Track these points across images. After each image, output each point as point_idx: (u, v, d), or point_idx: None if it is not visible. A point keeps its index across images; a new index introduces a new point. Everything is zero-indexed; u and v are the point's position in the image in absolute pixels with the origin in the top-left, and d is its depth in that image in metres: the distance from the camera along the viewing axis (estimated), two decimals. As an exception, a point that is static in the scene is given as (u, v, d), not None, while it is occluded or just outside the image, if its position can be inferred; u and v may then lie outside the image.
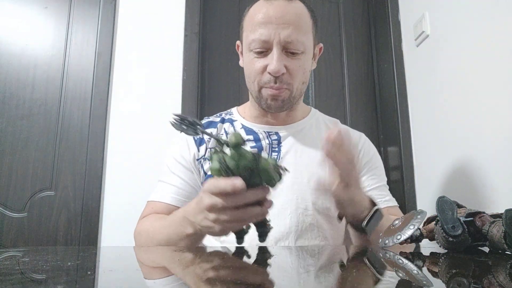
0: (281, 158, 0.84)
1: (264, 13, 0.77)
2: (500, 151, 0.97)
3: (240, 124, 0.90)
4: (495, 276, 0.39)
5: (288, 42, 0.76)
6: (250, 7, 0.83)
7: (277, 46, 0.76)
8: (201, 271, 0.43)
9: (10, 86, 1.44)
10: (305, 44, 0.79)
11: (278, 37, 0.76)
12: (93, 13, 1.54)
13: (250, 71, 0.81)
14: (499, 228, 0.49)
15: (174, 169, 0.86)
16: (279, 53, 0.76)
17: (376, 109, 1.68)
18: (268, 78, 0.79)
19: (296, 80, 0.80)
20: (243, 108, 0.95)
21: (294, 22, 0.76)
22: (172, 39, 1.54)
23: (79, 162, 1.42)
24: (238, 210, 0.53)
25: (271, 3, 0.77)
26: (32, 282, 0.36)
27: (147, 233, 0.76)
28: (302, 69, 0.80)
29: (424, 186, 1.40)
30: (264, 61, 0.78)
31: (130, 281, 0.38)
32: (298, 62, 0.79)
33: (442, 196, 0.55)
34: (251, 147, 0.84)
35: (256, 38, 0.77)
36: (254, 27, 0.78)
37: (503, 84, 0.96)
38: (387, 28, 1.62)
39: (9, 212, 1.36)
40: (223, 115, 0.95)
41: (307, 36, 0.80)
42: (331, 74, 1.69)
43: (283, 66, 0.77)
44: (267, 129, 0.88)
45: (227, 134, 0.88)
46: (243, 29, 0.84)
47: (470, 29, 1.10)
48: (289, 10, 0.77)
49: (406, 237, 0.55)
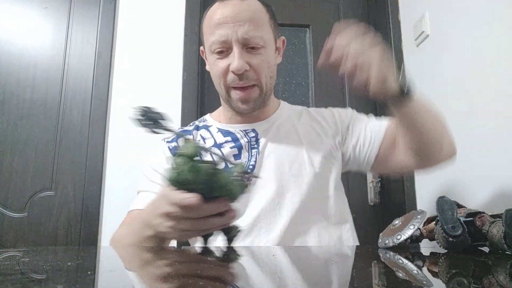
0: (260, 152, 0.84)
1: (219, 14, 0.78)
2: (500, 151, 0.97)
3: (216, 128, 0.90)
4: (495, 276, 0.39)
5: (246, 38, 0.77)
6: (206, 11, 0.84)
7: (236, 44, 0.77)
8: (201, 270, 0.43)
9: (10, 86, 1.44)
10: (264, 38, 0.80)
11: (235, 35, 0.77)
12: (93, 13, 1.54)
13: (215, 73, 0.83)
14: (499, 228, 0.49)
15: (153, 178, 0.85)
16: (239, 50, 0.77)
17: (376, 109, 1.68)
18: (232, 77, 0.80)
19: (262, 75, 0.81)
20: (217, 113, 0.96)
21: (250, 18, 0.78)
22: (172, 39, 1.54)
23: (79, 162, 1.42)
24: (196, 220, 0.52)
25: (224, 4, 0.79)
26: (32, 282, 0.36)
27: (120, 239, 0.76)
28: (266, 63, 0.81)
29: (424, 186, 1.40)
30: (226, 61, 0.79)
31: (130, 281, 0.38)
32: (260, 57, 0.80)
33: (442, 196, 0.55)
34: (230, 148, 0.85)
35: (215, 39, 0.78)
36: (212, 29, 0.79)
37: (503, 84, 0.96)
38: (387, 28, 1.61)
39: (9, 212, 1.36)
40: (196, 123, 0.95)
41: (265, 30, 0.81)
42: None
43: (245, 62, 0.78)
44: (244, 127, 0.88)
45: (204, 139, 0.88)
46: (203, 33, 0.85)
47: (470, 29, 1.10)
48: (243, 7, 0.78)
49: (406, 237, 0.55)
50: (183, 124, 1.44)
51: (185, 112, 1.47)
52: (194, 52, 1.53)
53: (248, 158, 0.84)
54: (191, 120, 1.58)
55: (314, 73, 1.68)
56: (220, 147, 0.86)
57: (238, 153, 0.84)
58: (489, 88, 1.02)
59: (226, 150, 0.85)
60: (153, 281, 0.38)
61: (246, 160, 0.84)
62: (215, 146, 0.86)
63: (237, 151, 0.85)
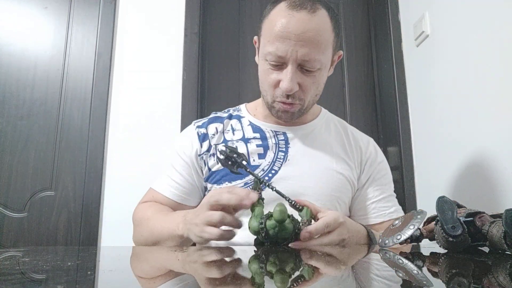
0: (288, 160, 0.83)
1: (284, 25, 0.72)
2: (500, 151, 0.97)
3: (247, 121, 0.89)
4: (495, 276, 0.39)
5: (305, 60, 0.73)
6: (272, 8, 0.77)
7: (292, 64, 0.74)
8: (202, 270, 0.43)
9: (10, 86, 1.44)
10: (322, 62, 0.76)
11: (295, 54, 0.73)
12: (93, 13, 1.54)
13: (264, 81, 0.81)
14: (499, 228, 0.49)
15: (175, 164, 0.87)
16: (293, 71, 0.74)
17: (376, 109, 1.68)
18: (281, 93, 0.77)
19: (308, 95, 0.79)
20: (253, 105, 0.94)
21: (314, 40, 0.72)
22: (172, 39, 1.54)
23: (79, 162, 1.42)
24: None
25: (293, 15, 0.72)
26: (32, 282, 0.36)
27: (147, 221, 0.79)
28: (316, 85, 0.79)
29: (424, 186, 1.40)
30: (278, 75, 0.76)
31: (130, 281, 0.38)
32: (312, 79, 0.77)
33: (442, 196, 0.55)
34: (256, 145, 0.84)
35: (272, 51, 0.74)
36: (272, 39, 0.74)
37: (503, 83, 0.96)
38: (387, 28, 1.61)
39: (9, 212, 1.36)
40: (231, 111, 0.94)
41: (326, 53, 0.76)
42: (331, 74, 1.69)
43: (296, 84, 0.75)
44: (275, 128, 0.87)
45: (234, 130, 0.88)
46: (261, 31, 0.80)
47: (470, 29, 1.10)
48: (310, 26, 0.72)
49: (406, 237, 0.55)
50: (183, 124, 1.44)
51: (185, 112, 1.47)
52: (194, 52, 1.53)
53: (272, 160, 0.83)
54: (191, 120, 1.59)
55: (314, 73, 1.67)
56: (247, 141, 0.85)
57: (264, 152, 0.83)
58: (489, 88, 1.02)
59: (252, 147, 0.84)
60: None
61: (270, 161, 0.83)
62: (243, 140, 0.86)
63: (262, 150, 0.84)
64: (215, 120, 0.90)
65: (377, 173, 0.88)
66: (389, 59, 1.59)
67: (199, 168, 0.86)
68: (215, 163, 0.83)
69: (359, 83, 1.70)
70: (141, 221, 0.81)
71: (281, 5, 0.75)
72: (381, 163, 0.90)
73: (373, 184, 0.87)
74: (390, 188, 0.90)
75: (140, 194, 0.90)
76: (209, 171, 0.84)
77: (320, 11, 0.74)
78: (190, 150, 0.86)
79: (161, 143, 1.43)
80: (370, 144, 0.91)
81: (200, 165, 0.86)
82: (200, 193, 0.87)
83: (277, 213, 0.58)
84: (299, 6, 0.73)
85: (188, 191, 0.85)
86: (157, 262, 0.53)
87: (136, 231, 0.83)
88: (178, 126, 1.45)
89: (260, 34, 0.81)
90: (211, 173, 0.84)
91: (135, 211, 0.86)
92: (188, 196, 0.85)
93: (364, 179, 0.87)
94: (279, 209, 0.58)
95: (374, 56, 1.72)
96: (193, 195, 0.86)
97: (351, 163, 0.86)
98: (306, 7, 0.72)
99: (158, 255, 0.58)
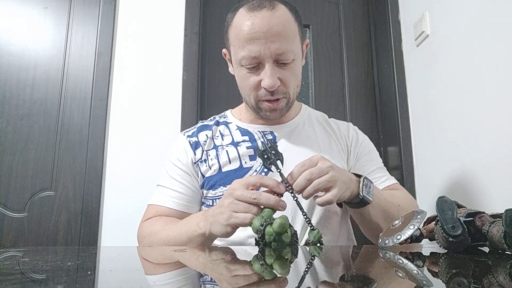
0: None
1: (250, 27, 0.74)
2: (500, 151, 0.97)
3: (235, 125, 0.91)
4: (495, 276, 0.39)
5: (279, 54, 0.75)
6: (233, 17, 0.79)
7: (268, 61, 0.75)
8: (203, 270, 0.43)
9: (10, 86, 1.44)
10: (295, 52, 0.78)
11: (268, 51, 0.74)
12: (93, 13, 1.54)
13: (244, 86, 0.81)
14: (499, 228, 0.49)
15: (173, 174, 0.87)
16: (271, 67, 0.76)
17: (376, 109, 1.68)
18: (264, 93, 0.79)
19: (290, 87, 0.81)
20: (238, 110, 0.96)
21: (281, 33, 0.74)
22: (172, 39, 1.54)
23: (79, 162, 1.42)
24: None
25: (255, 15, 0.74)
26: (32, 282, 0.36)
27: (157, 234, 0.78)
28: (295, 76, 0.81)
29: (424, 186, 1.40)
30: (257, 76, 0.78)
31: (130, 281, 0.38)
32: (290, 71, 0.79)
33: (442, 196, 0.55)
34: (246, 148, 0.86)
35: (245, 55, 0.75)
36: (242, 43, 0.76)
37: (503, 84, 0.96)
38: (387, 28, 1.61)
39: (9, 212, 1.36)
40: (217, 118, 0.96)
41: (295, 42, 0.78)
42: (331, 74, 1.69)
43: (277, 79, 0.77)
44: (262, 129, 0.89)
45: (223, 136, 0.89)
46: (229, 40, 0.82)
47: (470, 29, 1.10)
48: (274, 21, 0.74)
49: (406, 237, 0.55)
50: (183, 124, 1.44)
51: (185, 112, 1.47)
52: (194, 52, 1.53)
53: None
54: (191, 120, 1.57)
55: (314, 73, 1.68)
56: (237, 145, 0.86)
57: (254, 154, 0.85)
58: (489, 88, 1.02)
59: (242, 150, 0.85)
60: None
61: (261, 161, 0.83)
62: (233, 144, 0.87)
63: (253, 152, 0.85)
64: (204, 128, 0.92)
65: (362, 151, 0.92)
66: (389, 59, 1.59)
67: (196, 174, 0.87)
68: (208, 169, 0.85)
69: (359, 83, 1.70)
70: (150, 236, 0.79)
71: (241, 10, 0.77)
72: (364, 141, 0.94)
73: (361, 161, 0.91)
74: (378, 162, 0.93)
75: (140, 194, 0.90)
76: (203, 177, 0.86)
77: (279, 5, 0.77)
78: (186, 158, 0.87)
79: (161, 143, 1.43)
80: (350, 128, 0.96)
81: (196, 172, 0.87)
82: (201, 199, 0.88)
83: (277, 225, 0.58)
84: (258, 6, 0.75)
85: (191, 198, 0.86)
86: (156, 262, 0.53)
87: (146, 245, 0.81)
88: (178, 126, 1.45)
89: (229, 44, 0.82)
90: (205, 179, 0.85)
91: (139, 229, 0.85)
92: (191, 203, 0.86)
93: (352, 160, 0.91)
94: (280, 222, 0.59)
95: (374, 56, 1.72)
96: (196, 202, 0.87)
97: (337, 152, 0.89)
98: (265, 5, 0.75)
99: (157, 255, 0.58)
